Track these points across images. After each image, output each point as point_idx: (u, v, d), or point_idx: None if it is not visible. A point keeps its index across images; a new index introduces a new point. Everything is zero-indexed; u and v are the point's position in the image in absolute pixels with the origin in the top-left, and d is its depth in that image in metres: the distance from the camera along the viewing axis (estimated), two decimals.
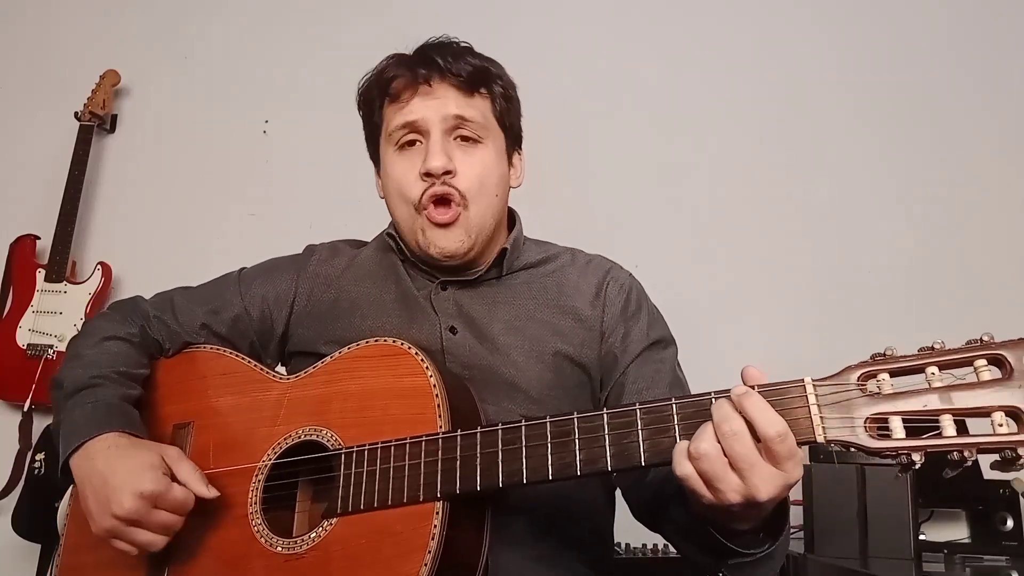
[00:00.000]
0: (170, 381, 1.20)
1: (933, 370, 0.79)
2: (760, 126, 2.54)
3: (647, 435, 0.87)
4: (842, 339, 2.38)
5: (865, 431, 0.78)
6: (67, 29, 2.77)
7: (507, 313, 1.18)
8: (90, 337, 1.20)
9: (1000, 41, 2.54)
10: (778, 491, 0.80)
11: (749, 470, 0.79)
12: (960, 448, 0.75)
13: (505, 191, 1.22)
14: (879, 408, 0.79)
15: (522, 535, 1.06)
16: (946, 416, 0.76)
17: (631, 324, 1.19)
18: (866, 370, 0.81)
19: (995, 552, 1.67)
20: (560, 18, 2.65)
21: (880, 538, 1.57)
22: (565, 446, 0.90)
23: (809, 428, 0.80)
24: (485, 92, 1.19)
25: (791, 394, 0.82)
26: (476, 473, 0.92)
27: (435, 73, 1.16)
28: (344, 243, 1.33)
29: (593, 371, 1.18)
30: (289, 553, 0.98)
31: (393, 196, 1.19)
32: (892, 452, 0.77)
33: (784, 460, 0.79)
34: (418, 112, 1.15)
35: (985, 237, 2.42)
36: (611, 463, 0.88)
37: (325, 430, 1.03)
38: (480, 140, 1.17)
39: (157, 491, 0.99)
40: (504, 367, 1.13)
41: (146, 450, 1.04)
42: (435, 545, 0.89)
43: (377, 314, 1.18)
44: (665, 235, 2.46)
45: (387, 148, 1.21)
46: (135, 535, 0.99)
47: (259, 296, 1.25)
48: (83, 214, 2.50)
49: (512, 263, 1.22)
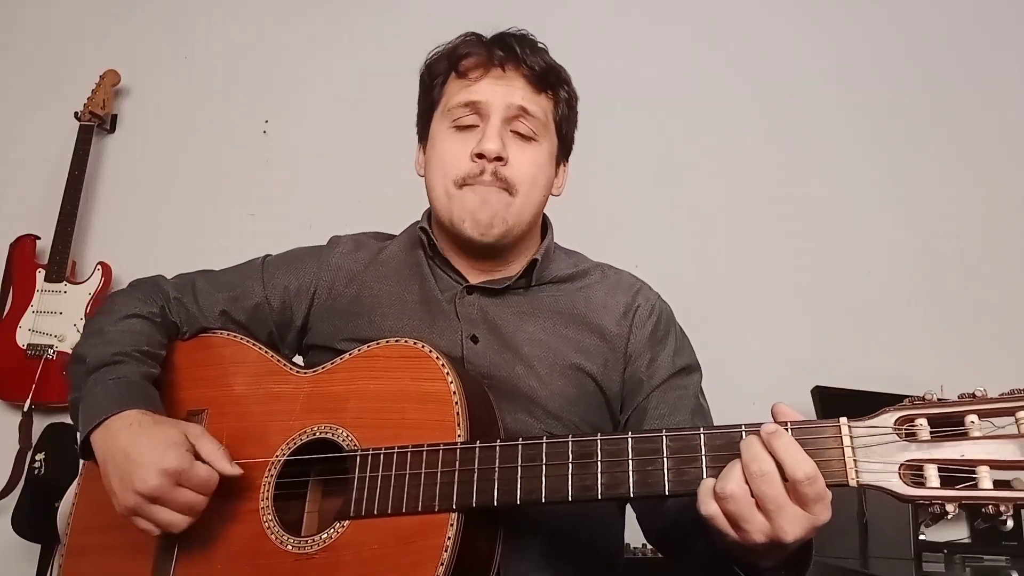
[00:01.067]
0: (185, 365, 1.19)
1: (973, 418, 0.76)
2: (760, 126, 2.54)
3: (672, 464, 0.85)
4: (842, 339, 2.38)
5: (899, 478, 0.77)
6: (67, 29, 2.76)
7: (532, 325, 1.16)
8: (112, 314, 1.18)
9: (1000, 41, 2.55)
10: (805, 533, 0.78)
11: (777, 512, 0.77)
12: (996, 502, 0.73)
13: (547, 193, 1.21)
14: (915, 455, 0.77)
15: (532, 546, 1.05)
16: (983, 468, 0.74)
17: (658, 350, 1.18)
18: (904, 414, 0.79)
19: (995, 552, 1.67)
20: (560, 18, 2.65)
21: (880, 538, 1.57)
22: (586, 468, 0.88)
23: (842, 471, 0.78)
24: (551, 94, 1.19)
25: (825, 434, 0.80)
26: (494, 488, 0.91)
27: (511, 60, 1.16)
28: (369, 236, 1.30)
29: (612, 393, 1.16)
30: (299, 552, 0.97)
31: (436, 170, 1.17)
32: (926, 501, 0.76)
33: (813, 503, 0.77)
34: (484, 93, 1.14)
35: (985, 237, 2.42)
36: (634, 489, 0.86)
37: (341, 429, 1.02)
38: (535, 139, 1.16)
39: (181, 468, 0.97)
40: (525, 379, 1.12)
41: (170, 427, 1.02)
42: (448, 557, 0.88)
43: (398, 315, 1.16)
44: (665, 235, 2.46)
45: (441, 124, 1.18)
46: (157, 513, 0.97)
47: (281, 286, 1.23)
48: (83, 214, 2.50)
49: (541, 274, 1.20)
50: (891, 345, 2.34)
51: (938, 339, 2.36)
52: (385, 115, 2.33)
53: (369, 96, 2.59)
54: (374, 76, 2.59)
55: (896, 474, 0.77)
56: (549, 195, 1.22)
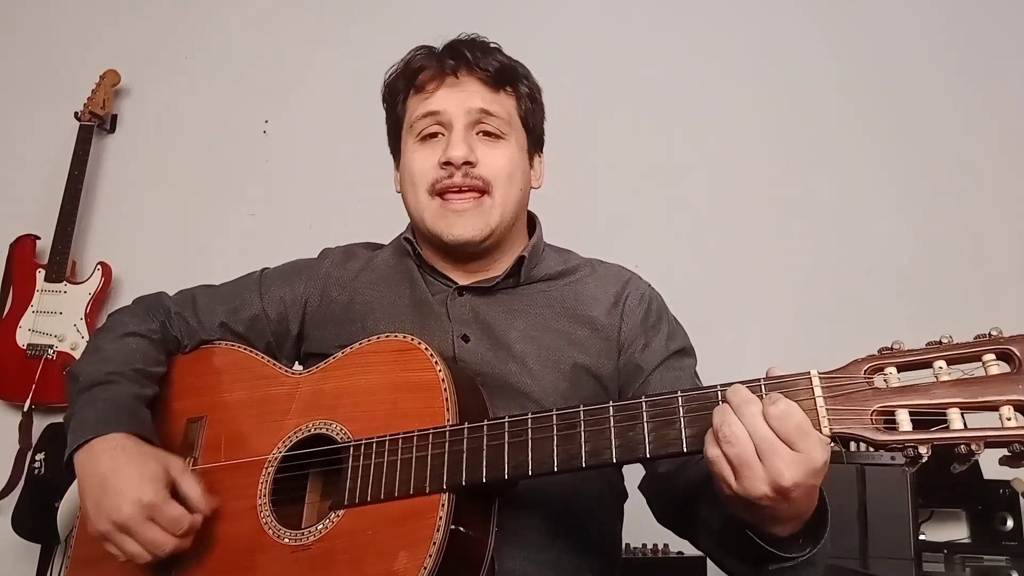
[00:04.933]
0: (185, 377, 1.21)
1: (941, 364, 0.78)
2: (760, 126, 2.54)
3: (652, 427, 0.87)
4: (842, 339, 2.38)
5: (872, 424, 0.77)
6: (67, 29, 2.76)
7: (523, 322, 1.17)
8: (111, 332, 1.20)
9: (999, 41, 2.55)
10: (803, 475, 0.77)
11: (771, 454, 0.77)
12: (968, 441, 0.73)
13: (527, 187, 1.22)
14: (885, 401, 0.78)
15: (530, 540, 1.05)
16: (954, 409, 0.75)
17: (651, 335, 1.18)
18: (873, 363, 0.80)
19: (995, 552, 1.68)
20: (560, 19, 2.66)
21: (880, 538, 1.57)
22: (571, 438, 0.90)
23: (815, 421, 0.79)
24: (511, 90, 1.20)
25: (797, 386, 0.82)
26: (482, 464, 0.92)
27: (463, 66, 1.16)
28: (359, 246, 1.32)
29: (610, 382, 1.17)
30: (296, 544, 0.99)
31: (409, 185, 1.19)
32: (899, 445, 0.76)
33: (797, 440, 0.77)
34: (442, 103, 1.16)
35: (985, 236, 2.42)
36: (616, 454, 0.88)
37: (335, 423, 1.04)
38: (503, 136, 1.17)
39: (154, 503, 0.99)
40: (518, 376, 1.12)
41: (151, 459, 1.03)
42: (440, 538, 0.90)
43: (390, 318, 1.18)
44: (665, 235, 2.46)
45: (408, 139, 1.20)
46: (124, 543, 0.99)
47: (277, 297, 1.25)
48: (83, 214, 2.50)
49: (530, 272, 1.20)
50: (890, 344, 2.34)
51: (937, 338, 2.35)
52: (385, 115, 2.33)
53: (369, 96, 2.56)
54: (374, 76, 2.56)
55: (869, 420, 0.78)
56: (529, 189, 1.23)
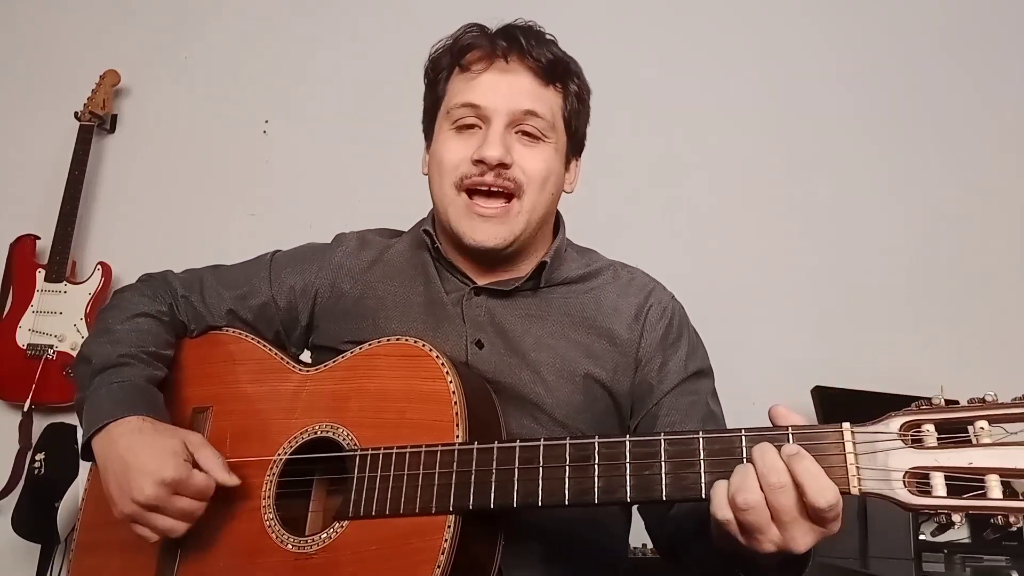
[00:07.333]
0: (192, 363, 1.20)
1: (982, 424, 0.73)
2: (760, 126, 2.54)
3: (670, 468, 0.83)
4: (842, 338, 2.38)
5: (904, 486, 0.74)
6: (67, 29, 2.76)
7: (540, 329, 1.12)
8: (121, 311, 1.17)
9: (999, 41, 2.55)
10: (814, 543, 0.77)
11: (791, 523, 0.76)
12: (1006, 512, 0.70)
13: (558, 192, 1.16)
14: (921, 462, 0.74)
15: (535, 555, 1.04)
16: (992, 476, 0.71)
17: (669, 353, 1.13)
18: (909, 419, 0.76)
19: (995, 552, 1.67)
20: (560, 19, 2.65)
21: (880, 538, 1.57)
22: (584, 471, 0.87)
23: (844, 478, 0.76)
24: (560, 87, 1.13)
25: (826, 439, 0.78)
26: (491, 490, 0.90)
27: (515, 51, 1.10)
28: (375, 233, 1.26)
29: (623, 399, 1.13)
30: (299, 552, 0.98)
31: (436, 173, 1.13)
32: (931, 510, 0.73)
33: (829, 520, 0.76)
34: (486, 95, 1.09)
35: (985, 237, 2.43)
36: (631, 494, 0.85)
37: (341, 428, 1.03)
38: (543, 139, 1.11)
39: (178, 478, 0.98)
40: (531, 385, 1.08)
41: (169, 436, 1.03)
42: (444, 560, 0.89)
43: (402, 317, 1.14)
44: (665, 235, 2.46)
45: (443, 124, 1.13)
46: (155, 520, 0.99)
47: (287, 286, 1.21)
48: (83, 214, 2.50)
49: (551, 276, 1.15)
50: (890, 345, 2.34)
51: (937, 338, 2.36)
52: (385, 115, 2.34)
53: (369, 96, 2.60)
54: (374, 76, 2.59)
55: (901, 482, 0.74)
56: (560, 193, 1.17)
